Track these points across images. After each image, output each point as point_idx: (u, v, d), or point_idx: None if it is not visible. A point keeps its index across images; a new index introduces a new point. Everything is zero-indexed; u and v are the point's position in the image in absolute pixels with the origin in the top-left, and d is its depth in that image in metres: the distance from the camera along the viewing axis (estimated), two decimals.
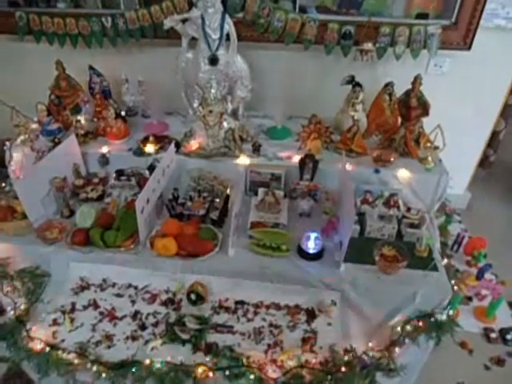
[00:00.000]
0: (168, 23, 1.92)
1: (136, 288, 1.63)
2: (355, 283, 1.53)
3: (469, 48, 2.04)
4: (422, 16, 2.03)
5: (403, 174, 1.86)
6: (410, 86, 1.95)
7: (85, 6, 2.26)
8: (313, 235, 1.56)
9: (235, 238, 1.64)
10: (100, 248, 1.63)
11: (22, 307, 1.55)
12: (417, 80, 1.93)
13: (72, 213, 1.82)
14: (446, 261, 1.65)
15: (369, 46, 1.99)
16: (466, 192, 2.76)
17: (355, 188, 1.78)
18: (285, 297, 1.56)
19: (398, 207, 1.73)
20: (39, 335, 1.46)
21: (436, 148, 1.88)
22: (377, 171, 1.86)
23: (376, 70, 2.19)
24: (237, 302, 1.56)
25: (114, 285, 1.64)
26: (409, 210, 1.74)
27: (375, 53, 2.02)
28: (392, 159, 1.87)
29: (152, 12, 2.09)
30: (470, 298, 2.10)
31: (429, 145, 1.89)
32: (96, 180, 1.99)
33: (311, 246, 1.57)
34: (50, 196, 1.81)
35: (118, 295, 1.60)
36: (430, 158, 1.89)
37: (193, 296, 1.52)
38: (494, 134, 2.68)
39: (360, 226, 1.69)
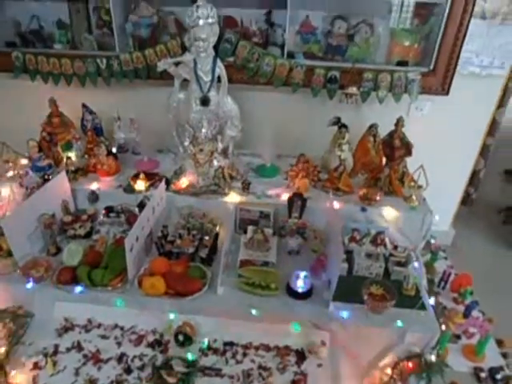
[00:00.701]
0: (161, 66, 1.99)
1: (122, 329, 1.59)
2: (344, 323, 1.52)
3: (447, 93, 2.16)
4: (403, 63, 2.16)
5: (389, 212, 1.91)
6: (393, 127, 2.05)
7: (81, 47, 2.34)
8: (302, 274, 1.57)
9: (224, 276, 1.63)
10: (87, 287, 1.60)
11: (2, 350, 1.50)
12: (399, 122, 2.03)
13: (59, 250, 1.80)
14: (433, 299, 1.67)
15: (353, 90, 2.09)
16: (450, 229, 2.82)
17: (343, 226, 1.81)
18: (274, 337, 1.55)
19: (385, 245, 1.76)
20: (19, 380, 1.40)
21: (420, 187, 1.95)
22: (363, 210, 1.90)
23: (361, 111, 2.29)
24: (225, 343, 1.53)
25: (99, 325, 1.60)
26: (395, 247, 1.78)
27: (359, 96, 2.12)
28: (378, 198, 1.92)
29: (146, 55, 2.17)
30: (458, 336, 2.09)
31: (413, 184, 1.96)
32: (85, 217, 1.99)
33: (300, 285, 1.58)
34: (38, 233, 1.80)
35: (104, 336, 1.57)
36: (414, 197, 1.95)
37: (180, 337, 1.49)
38: (475, 173, 2.79)
39: (348, 264, 1.71)
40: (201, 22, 1.84)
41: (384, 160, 2.08)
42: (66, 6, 2.36)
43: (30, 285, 1.62)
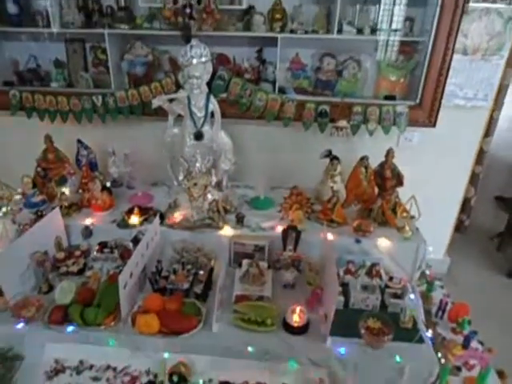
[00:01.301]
0: (156, 103, 2.03)
1: (115, 370, 1.54)
2: (342, 358, 1.50)
3: (434, 125, 2.23)
4: (390, 97, 2.24)
5: (383, 243, 1.92)
6: (383, 158, 2.09)
7: (77, 85, 2.40)
8: (298, 308, 1.56)
9: (219, 312, 1.61)
10: (79, 326, 1.56)
11: None
12: (389, 153, 2.07)
13: (51, 288, 1.77)
14: (431, 331, 1.65)
15: (343, 123, 2.15)
16: (445, 257, 2.83)
17: (337, 258, 1.81)
18: (271, 375, 1.51)
19: (381, 277, 1.76)
20: None
21: (412, 217, 1.97)
22: (358, 241, 1.91)
23: (351, 143, 2.34)
24: (221, 383, 1.49)
25: (91, 367, 1.55)
26: (391, 279, 1.77)
27: (350, 129, 2.18)
28: (371, 229, 1.93)
29: (141, 92, 2.23)
30: (459, 368, 2.05)
31: (405, 214, 1.98)
32: (78, 253, 1.96)
33: (296, 320, 1.56)
34: (30, 271, 1.77)
35: (96, 379, 1.51)
36: (407, 227, 1.96)
37: (175, 378, 1.45)
38: (466, 201, 2.83)
39: (344, 297, 1.69)
40: (194, 61, 1.89)
41: (376, 191, 2.11)
42: (64, 46, 2.43)
43: (20, 325, 1.58)
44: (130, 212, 2.07)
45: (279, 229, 1.95)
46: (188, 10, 1.99)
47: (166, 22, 2.10)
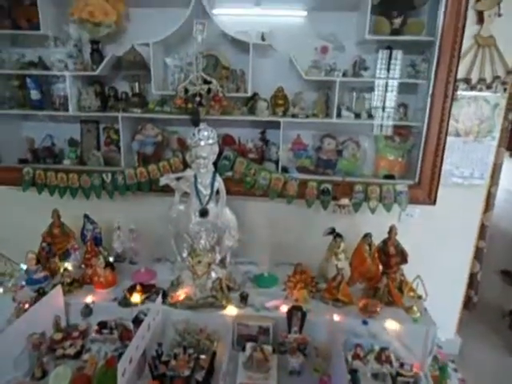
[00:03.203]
0: (164, 181, 2.10)
1: None
2: None
3: (434, 203, 2.28)
4: (389, 177, 2.32)
5: (391, 325, 1.86)
6: (386, 234, 2.11)
7: (88, 163, 2.50)
8: None
9: None
10: None
11: None
12: (392, 230, 2.10)
13: (45, 373, 1.69)
14: None
15: (345, 201, 2.20)
16: (456, 336, 2.72)
17: (345, 341, 1.75)
18: None
19: (391, 363, 1.69)
20: None
21: (419, 297, 1.93)
22: (365, 323, 1.86)
23: (354, 220, 2.38)
24: None
25: None
26: (402, 365, 1.69)
27: (352, 207, 2.23)
28: (379, 310, 1.88)
29: (149, 170, 2.31)
30: None
31: (412, 294, 1.94)
32: (76, 333, 1.90)
33: None
34: (24, 355, 1.70)
35: None
36: (415, 308, 1.91)
37: None
38: (472, 276, 2.79)
39: None
40: (202, 142, 2.00)
41: (380, 268, 2.09)
42: (79, 126, 2.58)
43: None
44: (131, 289, 2.04)
45: (284, 308, 1.90)
46: (198, 99, 2.15)
47: (177, 107, 2.25)
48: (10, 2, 2.27)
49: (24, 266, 2.16)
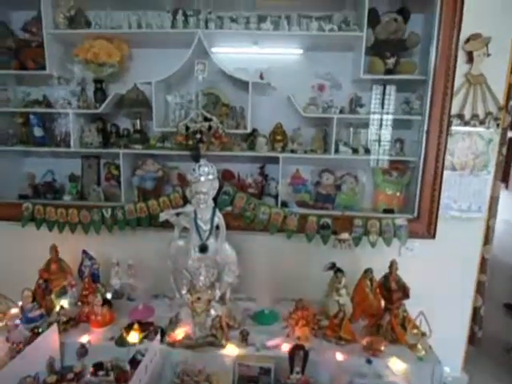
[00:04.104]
0: (164, 216, 2.10)
1: None
2: None
3: (433, 237, 2.29)
4: (389, 211, 2.33)
5: (396, 364, 1.81)
6: (387, 268, 2.09)
7: (89, 198, 2.51)
8: None
9: None
10: None
11: None
12: (393, 265, 2.08)
13: None
14: None
15: (345, 235, 2.20)
16: (462, 374, 2.64)
17: (349, 382, 1.70)
18: None
19: None
20: None
21: (423, 334, 1.89)
22: (369, 362, 1.80)
23: (354, 254, 2.36)
24: None
25: None
26: None
27: (352, 241, 2.22)
28: (382, 348, 1.84)
29: (149, 205, 2.32)
30: None
31: (416, 331, 1.91)
32: (71, 375, 1.83)
33: None
34: None
35: None
36: (419, 346, 1.87)
37: None
38: (475, 310, 2.74)
39: None
40: (202, 178, 2.01)
41: (383, 304, 2.06)
42: (80, 162, 2.61)
43: None
44: (129, 328, 1.99)
45: (285, 346, 1.86)
46: (198, 136, 2.19)
47: (177, 144, 2.29)
48: (19, 44, 2.36)
49: (19, 304, 2.12)
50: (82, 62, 2.35)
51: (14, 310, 2.17)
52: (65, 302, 2.20)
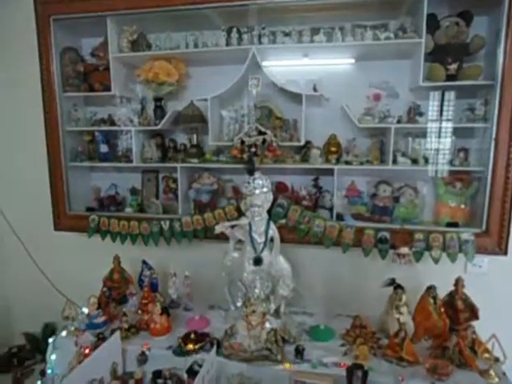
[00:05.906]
0: (219, 229, 2.14)
1: None
2: None
3: (505, 253, 2.10)
4: (453, 224, 2.18)
5: None
6: (451, 286, 1.96)
7: (148, 210, 2.63)
8: None
9: None
10: None
11: None
12: (459, 282, 1.96)
13: None
14: None
15: (405, 250, 2.09)
16: None
17: None
18: None
19: None
20: None
21: (497, 360, 1.74)
22: None
23: (415, 270, 2.24)
24: None
25: None
26: None
27: (412, 256, 2.11)
28: (449, 372, 1.71)
29: (205, 218, 2.38)
30: None
31: (487, 356, 1.75)
32: (132, 382, 1.91)
33: None
34: None
35: None
36: (492, 372, 1.72)
37: None
38: None
39: None
40: (257, 191, 2.03)
41: (448, 324, 1.93)
42: (140, 176, 2.76)
43: None
44: (186, 338, 2.03)
45: (343, 365, 1.79)
46: (253, 149, 2.22)
47: (232, 157, 2.34)
48: (88, 68, 2.56)
49: (86, 310, 2.25)
50: (143, 82, 2.49)
51: (81, 316, 2.31)
52: (127, 310, 2.30)
